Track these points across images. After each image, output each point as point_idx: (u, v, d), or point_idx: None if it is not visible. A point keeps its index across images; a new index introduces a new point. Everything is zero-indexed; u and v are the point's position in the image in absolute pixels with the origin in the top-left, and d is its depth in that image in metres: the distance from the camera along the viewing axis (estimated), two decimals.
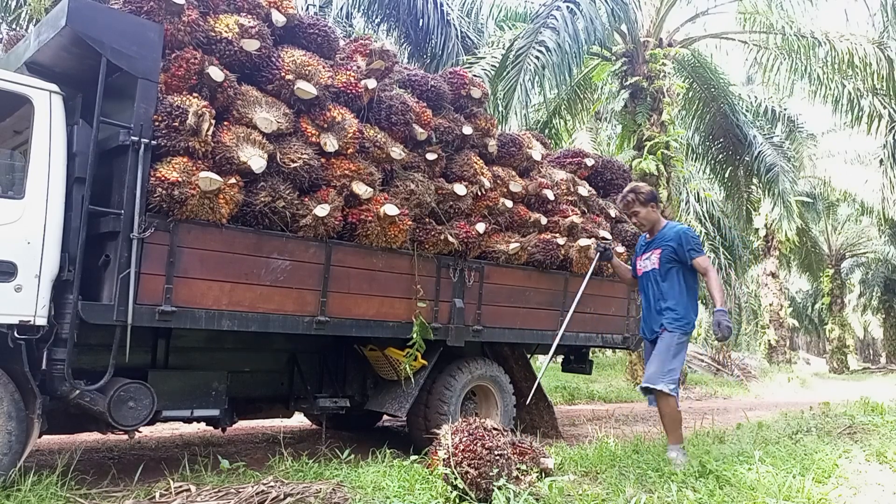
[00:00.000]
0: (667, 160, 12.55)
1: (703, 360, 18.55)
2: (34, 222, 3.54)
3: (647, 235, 4.71)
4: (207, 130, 3.87)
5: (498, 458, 3.44)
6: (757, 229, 21.96)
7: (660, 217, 4.68)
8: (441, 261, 5.24)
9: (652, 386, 4.34)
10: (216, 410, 4.51)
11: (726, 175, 15.83)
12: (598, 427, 6.64)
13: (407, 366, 4.99)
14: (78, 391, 3.67)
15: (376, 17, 12.18)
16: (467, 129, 5.45)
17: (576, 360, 7.02)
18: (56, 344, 3.61)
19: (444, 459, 3.46)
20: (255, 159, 4.04)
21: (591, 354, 7.09)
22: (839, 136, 21.79)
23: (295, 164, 4.26)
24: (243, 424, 6.57)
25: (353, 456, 4.46)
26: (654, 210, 4.60)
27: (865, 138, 16.00)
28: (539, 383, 5.46)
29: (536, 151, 6.13)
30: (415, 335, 4.94)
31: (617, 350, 10.89)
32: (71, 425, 4.26)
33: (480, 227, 5.36)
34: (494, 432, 3.62)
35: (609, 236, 6.43)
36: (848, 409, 7.39)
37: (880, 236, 25.13)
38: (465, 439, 3.49)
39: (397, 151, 4.88)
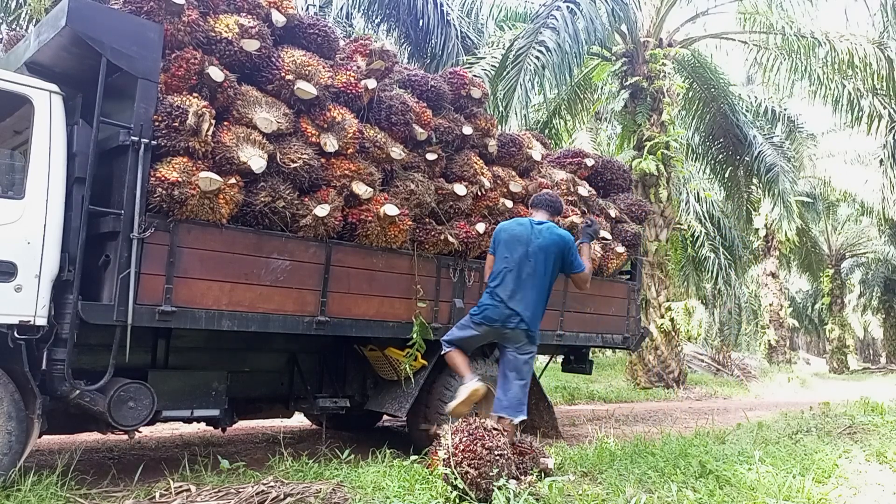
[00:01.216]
0: (667, 160, 12.56)
1: (703, 360, 18.55)
2: (34, 222, 3.54)
3: None
4: (207, 130, 3.87)
5: (498, 458, 3.45)
6: (757, 229, 21.96)
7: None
8: (441, 261, 5.24)
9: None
10: (216, 410, 4.51)
11: (726, 175, 15.84)
12: (598, 427, 6.64)
13: (407, 366, 4.99)
14: (78, 391, 3.67)
15: (376, 17, 12.18)
16: (467, 129, 5.44)
17: (576, 360, 7.02)
18: (56, 344, 3.61)
19: (444, 459, 3.47)
20: (255, 159, 4.04)
21: (591, 354, 7.09)
22: (839, 136, 21.79)
23: (295, 164, 4.26)
24: (243, 424, 6.57)
25: (353, 456, 4.46)
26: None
27: (865, 138, 16.03)
28: (538, 383, 5.46)
29: (536, 151, 6.13)
30: (415, 335, 4.94)
31: (617, 350, 10.88)
32: (71, 425, 4.26)
33: (480, 227, 5.35)
34: (494, 432, 3.62)
35: (609, 236, 6.43)
36: (848, 409, 7.41)
37: (880, 236, 25.11)
38: (465, 439, 3.49)
39: (397, 151, 4.88)
